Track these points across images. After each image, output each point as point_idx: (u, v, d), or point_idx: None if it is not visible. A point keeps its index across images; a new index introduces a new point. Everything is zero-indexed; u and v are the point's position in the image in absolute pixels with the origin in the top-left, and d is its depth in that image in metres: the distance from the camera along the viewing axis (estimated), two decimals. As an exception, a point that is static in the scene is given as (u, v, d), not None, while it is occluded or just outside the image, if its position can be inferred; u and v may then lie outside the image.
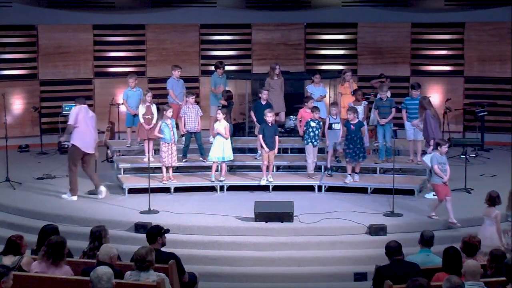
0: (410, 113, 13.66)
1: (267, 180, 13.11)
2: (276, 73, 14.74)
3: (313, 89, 14.66)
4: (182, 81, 15.15)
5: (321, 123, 13.25)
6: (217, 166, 13.36)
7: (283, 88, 14.90)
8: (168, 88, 14.97)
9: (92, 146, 12.65)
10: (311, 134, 13.18)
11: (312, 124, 13.19)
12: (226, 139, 13.05)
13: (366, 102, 14.17)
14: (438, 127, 13.11)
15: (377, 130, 13.79)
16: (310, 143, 13.22)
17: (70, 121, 12.55)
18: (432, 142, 12.63)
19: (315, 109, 13.31)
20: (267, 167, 13.16)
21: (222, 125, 13.05)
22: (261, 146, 13.12)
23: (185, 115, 13.75)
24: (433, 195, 12.46)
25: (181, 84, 15.10)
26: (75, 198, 12.64)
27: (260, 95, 14.27)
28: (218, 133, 13.06)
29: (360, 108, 13.73)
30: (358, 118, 13.02)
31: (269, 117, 12.96)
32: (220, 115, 13.10)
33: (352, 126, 12.88)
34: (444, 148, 11.53)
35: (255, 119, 14.17)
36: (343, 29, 18.07)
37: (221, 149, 13.01)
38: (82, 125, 12.51)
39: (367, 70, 17.89)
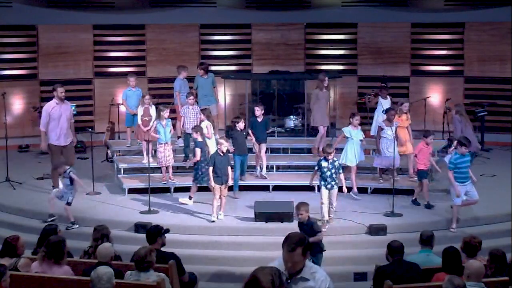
0: (460, 173, 11.32)
1: (218, 217, 11.61)
2: (325, 85, 14.20)
3: (351, 132, 12.95)
4: (187, 81, 15.21)
5: (336, 162, 11.40)
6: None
7: (328, 101, 14.49)
8: (175, 90, 14.96)
9: None
10: (323, 175, 11.35)
11: (324, 164, 11.38)
12: (209, 138, 12.99)
13: (398, 123, 13.18)
14: (467, 130, 12.83)
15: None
16: (322, 186, 11.41)
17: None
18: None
19: (328, 147, 11.52)
20: (220, 201, 11.67)
21: (204, 125, 13.06)
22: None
23: (185, 115, 13.77)
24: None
25: (187, 85, 15.16)
26: None
27: (255, 112, 13.52)
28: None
29: (390, 130, 12.84)
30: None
31: (223, 146, 11.67)
32: (202, 116, 13.18)
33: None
34: None
35: (253, 139, 13.45)
36: (343, 29, 18.06)
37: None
38: None
39: (367, 70, 17.90)
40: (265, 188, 13.21)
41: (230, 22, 17.96)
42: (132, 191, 12.99)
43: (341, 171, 11.42)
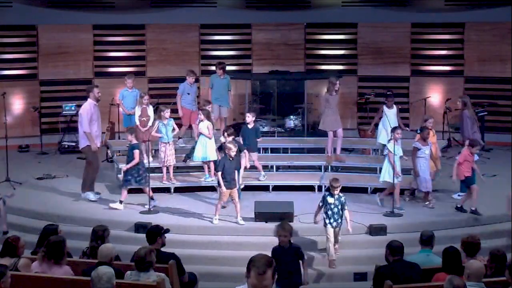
0: None
1: (216, 220, 11.43)
2: (335, 88, 13.63)
3: (392, 147, 12.18)
4: (196, 87, 14.95)
5: (342, 198, 10.57)
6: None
7: (338, 105, 13.92)
8: (178, 92, 14.75)
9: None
10: (329, 212, 10.50)
11: (330, 200, 10.53)
12: (210, 139, 12.92)
13: (431, 143, 12.47)
14: (475, 127, 12.75)
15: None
16: (328, 224, 10.54)
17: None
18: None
19: (334, 181, 10.59)
20: (235, 206, 11.48)
21: (205, 125, 13.01)
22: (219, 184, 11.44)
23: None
24: (458, 195, 12.43)
25: (195, 89, 14.90)
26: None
27: (246, 119, 13.11)
28: (201, 133, 13.04)
29: (427, 149, 12.20)
30: None
31: (232, 151, 11.30)
32: (202, 116, 13.06)
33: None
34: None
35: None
36: (343, 29, 18.07)
37: (204, 149, 12.95)
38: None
39: (367, 70, 17.90)
40: (265, 188, 13.20)
41: (230, 22, 17.96)
42: (132, 191, 12.97)
43: (346, 207, 10.60)
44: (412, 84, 17.81)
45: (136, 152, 11.98)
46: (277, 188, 13.24)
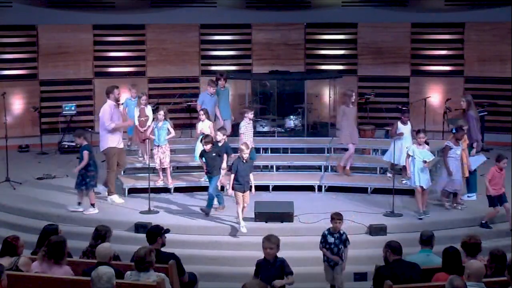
0: None
1: (244, 227, 11.22)
2: (352, 100, 13.47)
3: (415, 150, 11.81)
4: (216, 98, 14.30)
5: (344, 235, 9.52)
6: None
7: (355, 117, 13.63)
8: (198, 102, 14.38)
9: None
10: (329, 252, 9.60)
11: (330, 239, 9.54)
12: None
13: (462, 145, 12.03)
14: (479, 128, 12.67)
15: None
16: (325, 262, 9.72)
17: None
18: (475, 145, 12.45)
19: (337, 215, 9.55)
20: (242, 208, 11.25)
21: (206, 125, 13.00)
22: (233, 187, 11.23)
23: (246, 130, 13.12)
24: (468, 196, 12.39)
25: (215, 100, 14.23)
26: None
27: (216, 137, 12.32)
28: (202, 133, 13.00)
29: (459, 150, 11.90)
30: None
31: (244, 153, 11.15)
32: (203, 116, 13.05)
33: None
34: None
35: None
36: (343, 29, 18.07)
37: None
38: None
39: (367, 70, 17.90)
40: (265, 188, 13.20)
41: (230, 22, 17.97)
42: (132, 191, 12.99)
43: (348, 244, 9.61)
44: (412, 84, 17.81)
45: (86, 153, 11.77)
46: (277, 188, 13.24)
